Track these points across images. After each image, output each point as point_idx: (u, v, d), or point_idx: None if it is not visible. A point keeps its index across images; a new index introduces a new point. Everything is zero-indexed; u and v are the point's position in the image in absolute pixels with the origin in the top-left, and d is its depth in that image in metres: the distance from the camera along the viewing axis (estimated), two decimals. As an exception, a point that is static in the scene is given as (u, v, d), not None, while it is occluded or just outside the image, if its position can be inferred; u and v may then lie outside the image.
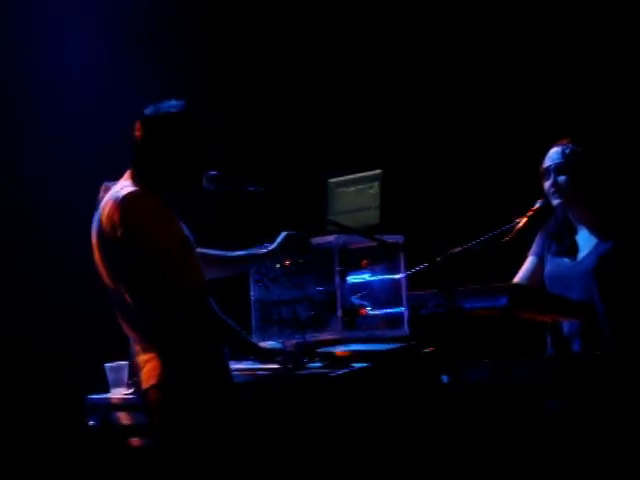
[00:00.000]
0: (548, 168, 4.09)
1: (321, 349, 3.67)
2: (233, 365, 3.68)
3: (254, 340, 3.70)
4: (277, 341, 3.69)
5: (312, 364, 3.56)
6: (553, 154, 4.10)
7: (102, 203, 3.40)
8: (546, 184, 4.10)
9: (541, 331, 4.14)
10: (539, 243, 4.21)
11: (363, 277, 3.93)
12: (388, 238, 3.78)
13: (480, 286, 3.71)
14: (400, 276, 3.85)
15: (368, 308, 3.88)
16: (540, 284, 4.17)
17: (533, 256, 4.21)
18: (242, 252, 3.82)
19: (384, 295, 3.90)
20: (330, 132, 5.71)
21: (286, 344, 3.65)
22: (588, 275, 3.98)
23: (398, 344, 3.70)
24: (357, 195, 3.99)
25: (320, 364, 3.54)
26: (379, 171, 3.99)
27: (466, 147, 5.42)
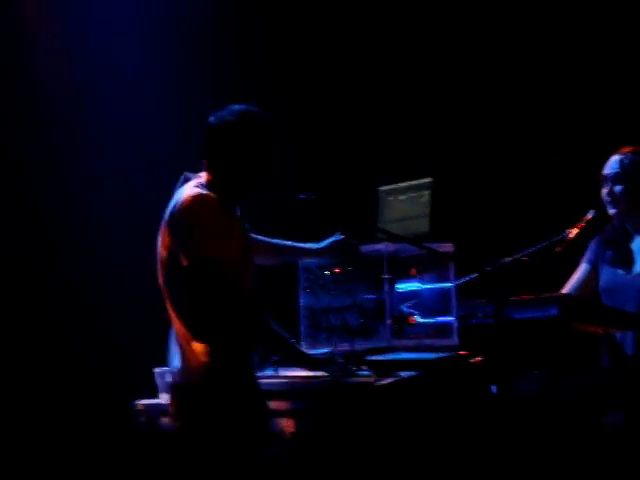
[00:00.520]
0: (607, 176, 4.12)
1: (369, 357, 3.66)
2: (281, 372, 3.70)
3: (303, 348, 3.71)
4: (328, 348, 3.69)
5: (360, 372, 3.55)
6: (613, 163, 4.11)
7: (176, 195, 3.43)
8: (603, 191, 4.13)
9: (593, 342, 4.10)
10: (593, 250, 4.18)
11: (412, 286, 3.91)
12: (438, 247, 3.76)
13: (531, 296, 3.69)
14: (450, 285, 3.83)
15: (417, 317, 3.86)
16: (592, 292, 4.14)
17: (586, 263, 4.18)
18: (289, 242, 3.85)
19: (433, 304, 3.88)
20: (382, 139, 5.70)
21: (336, 351, 3.65)
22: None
23: (447, 353, 3.68)
24: (407, 203, 3.98)
25: (368, 372, 3.54)
26: (429, 179, 3.98)
27: (518, 156, 5.38)
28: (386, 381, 3.39)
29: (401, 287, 3.87)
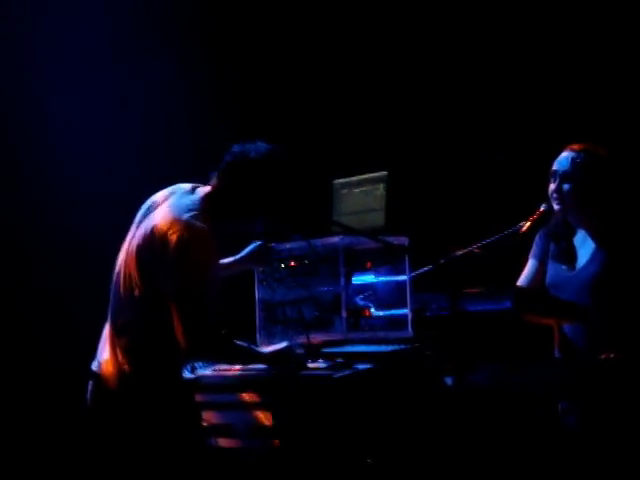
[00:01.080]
0: (556, 172, 4.08)
1: (325, 350, 3.68)
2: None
3: (260, 342, 3.73)
4: (286, 342, 3.69)
5: (316, 365, 3.56)
6: (563, 159, 4.07)
7: (167, 207, 3.44)
8: (551, 187, 4.08)
9: (547, 334, 4.14)
10: (539, 244, 4.19)
11: (368, 278, 3.94)
12: (393, 240, 3.79)
13: (484, 289, 3.72)
14: (404, 278, 3.85)
15: (372, 309, 3.89)
16: (543, 287, 4.17)
17: (533, 259, 4.19)
18: None
19: (388, 297, 3.91)
20: (336, 133, 5.71)
21: (294, 344, 3.66)
22: (585, 287, 3.98)
23: (402, 346, 3.71)
24: (362, 196, 4.00)
25: (324, 365, 3.55)
26: (385, 173, 3.99)
27: (471, 150, 5.42)
28: (342, 373, 3.41)
29: (356, 280, 3.89)
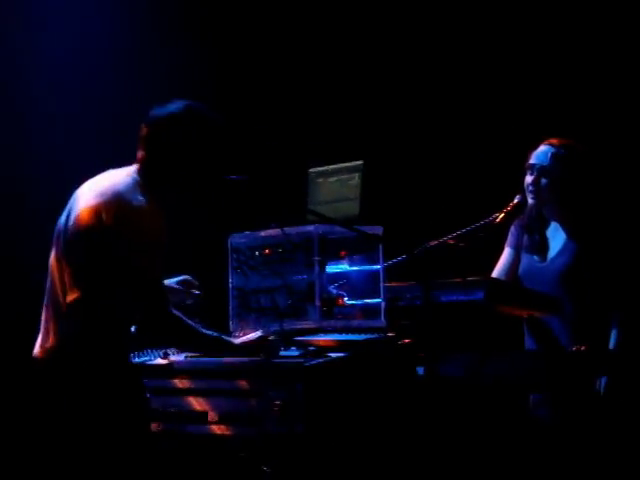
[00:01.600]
0: (533, 166, 4.07)
1: (298, 338, 3.68)
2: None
3: (233, 331, 3.73)
4: (259, 331, 3.69)
5: (288, 352, 3.57)
6: (541, 153, 4.07)
7: (102, 188, 3.33)
8: (527, 179, 4.09)
9: (518, 324, 4.17)
10: (514, 234, 4.21)
11: (342, 267, 3.94)
12: (367, 229, 3.79)
13: (457, 279, 3.74)
14: (378, 267, 3.86)
15: (346, 298, 3.89)
16: (516, 278, 4.19)
17: (509, 248, 4.22)
18: None
19: (362, 286, 3.91)
20: (312, 122, 5.72)
21: (269, 331, 3.66)
22: (556, 278, 4.01)
23: (375, 335, 3.72)
24: (337, 185, 4.00)
25: (296, 353, 3.56)
26: (360, 162, 4.00)
27: (446, 140, 5.44)
28: (315, 361, 3.41)
29: (330, 268, 3.90)
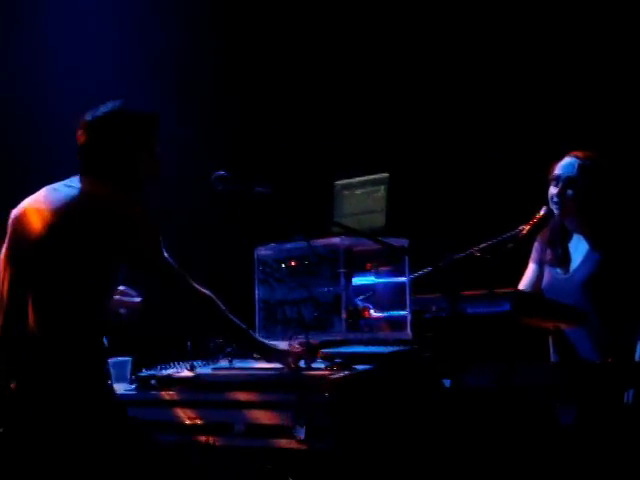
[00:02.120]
0: (559, 177, 4.05)
1: (324, 350, 3.68)
2: (236, 364, 3.70)
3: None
4: (282, 341, 3.70)
5: (315, 365, 3.57)
6: (567, 165, 4.05)
7: (47, 200, 3.32)
8: (552, 190, 4.07)
9: (544, 337, 4.16)
10: (538, 250, 4.21)
11: (367, 279, 3.95)
12: (393, 241, 3.79)
13: (484, 291, 3.73)
14: (404, 279, 3.87)
15: (372, 310, 3.90)
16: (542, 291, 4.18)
17: (533, 263, 4.22)
18: None
19: (388, 298, 3.92)
20: (338, 135, 5.73)
21: (291, 344, 3.66)
22: (579, 289, 3.99)
23: (400, 347, 3.72)
24: (363, 198, 4.02)
25: (323, 365, 3.56)
26: (386, 174, 4.01)
27: (473, 153, 5.43)
28: (341, 374, 3.41)
29: (356, 281, 3.90)
